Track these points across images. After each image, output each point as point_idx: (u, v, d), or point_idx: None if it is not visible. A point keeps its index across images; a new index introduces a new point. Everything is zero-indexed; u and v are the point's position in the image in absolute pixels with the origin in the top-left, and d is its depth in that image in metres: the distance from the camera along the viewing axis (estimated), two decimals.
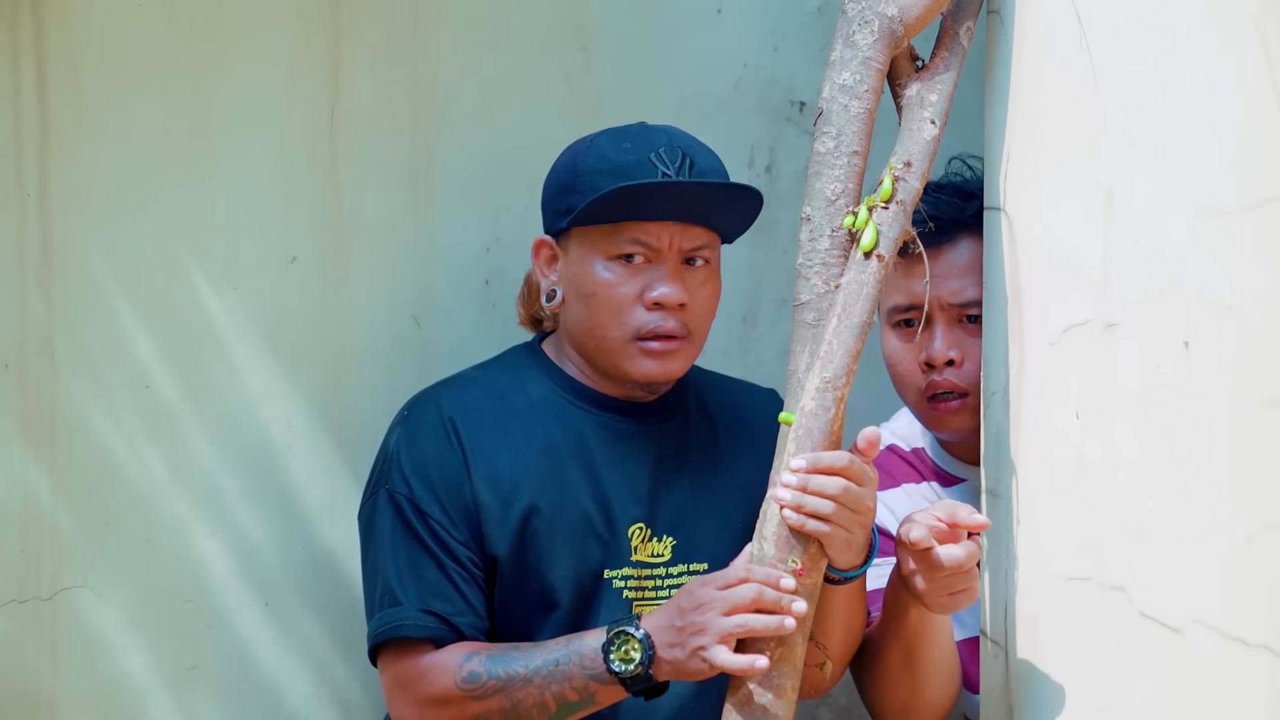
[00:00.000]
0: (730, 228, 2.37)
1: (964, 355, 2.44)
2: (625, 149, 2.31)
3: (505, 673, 2.22)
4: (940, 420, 2.48)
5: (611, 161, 2.30)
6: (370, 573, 2.32)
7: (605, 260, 2.31)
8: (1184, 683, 1.96)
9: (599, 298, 2.31)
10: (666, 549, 2.35)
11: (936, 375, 2.45)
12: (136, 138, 2.51)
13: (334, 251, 2.60)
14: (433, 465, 2.30)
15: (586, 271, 2.31)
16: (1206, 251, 1.94)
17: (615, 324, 2.31)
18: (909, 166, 2.18)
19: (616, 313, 2.30)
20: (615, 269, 2.31)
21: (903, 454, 2.58)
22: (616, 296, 2.30)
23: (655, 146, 2.31)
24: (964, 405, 2.45)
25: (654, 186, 2.27)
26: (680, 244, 2.31)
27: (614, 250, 2.30)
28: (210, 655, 2.55)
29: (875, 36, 2.19)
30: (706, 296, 2.34)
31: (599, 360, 2.34)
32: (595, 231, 2.31)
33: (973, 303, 2.44)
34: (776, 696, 2.14)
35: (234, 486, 2.56)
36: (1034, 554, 2.18)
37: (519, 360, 2.41)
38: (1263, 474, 1.87)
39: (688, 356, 2.34)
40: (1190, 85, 1.96)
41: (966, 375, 2.44)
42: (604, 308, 2.30)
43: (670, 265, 2.31)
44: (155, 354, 2.53)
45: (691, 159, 2.32)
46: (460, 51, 2.65)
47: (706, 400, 2.44)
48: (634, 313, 2.30)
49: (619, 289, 2.30)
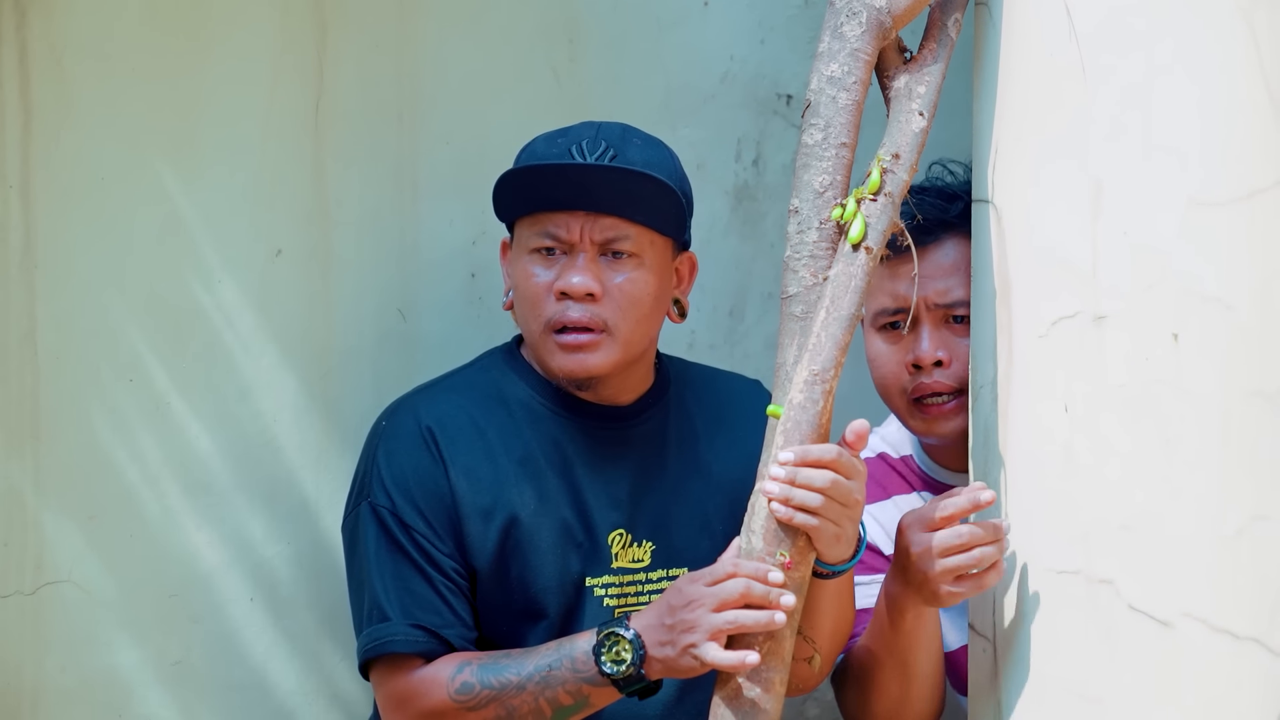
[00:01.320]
0: (648, 219, 2.31)
1: (951, 356, 2.43)
2: (557, 143, 2.32)
3: (498, 681, 2.21)
4: (929, 424, 2.46)
5: (535, 154, 2.33)
6: (356, 587, 2.31)
7: (528, 254, 2.32)
8: (1173, 676, 1.95)
9: (521, 290, 2.32)
10: (646, 554, 2.35)
11: (925, 378, 2.44)
12: (120, 130, 2.50)
13: (319, 244, 2.59)
14: (413, 476, 2.29)
15: (517, 266, 2.33)
16: (1195, 244, 1.93)
17: (534, 316, 2.31)
18: (897, 158, 2.17)
19: (534, 305, 2.31)
20: (535, 261, 2.31)
21: (892, 462, 2.57)
22: (533, 288, 2.30)
23: (581, 139, 2.30)
24: (955, 407, 2.44)
25: (546, 171, 2.27)
26: (592, 234, 2.30)
27: (534, 243, 2.31)
28: (195, 650, 2.54)
29: (863, 28, 2.18)
30: (627, 289, 2.30)
31: (534, 356, 2.35)
32: (521, 227, 2.33)
33: (959, 303, 2.43)
34: (765, 691, 2.14)
35: (219, 480, 2.55)
36: (1022, 547, 2.18)
37: (496, 364, 2.39)
38: (1251, 466, 1.86)
39: (609, 352, 2.30)
40: (1179, 77, 1.95)
41: (954, 375, 2.43)
42: (525, 301, 2.32)
43: (586, 256, 2.30)
44: (140, 347, 2.52)
45: (616, 150, 2.30)
46: (446, 44, 2.64)
47: (687, 396, 2.42)
48: (546, 303, 2.30)
49: (535, 280, 2.30)
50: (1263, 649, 1.85)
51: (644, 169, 2.29)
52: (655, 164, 2.33)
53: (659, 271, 2.33)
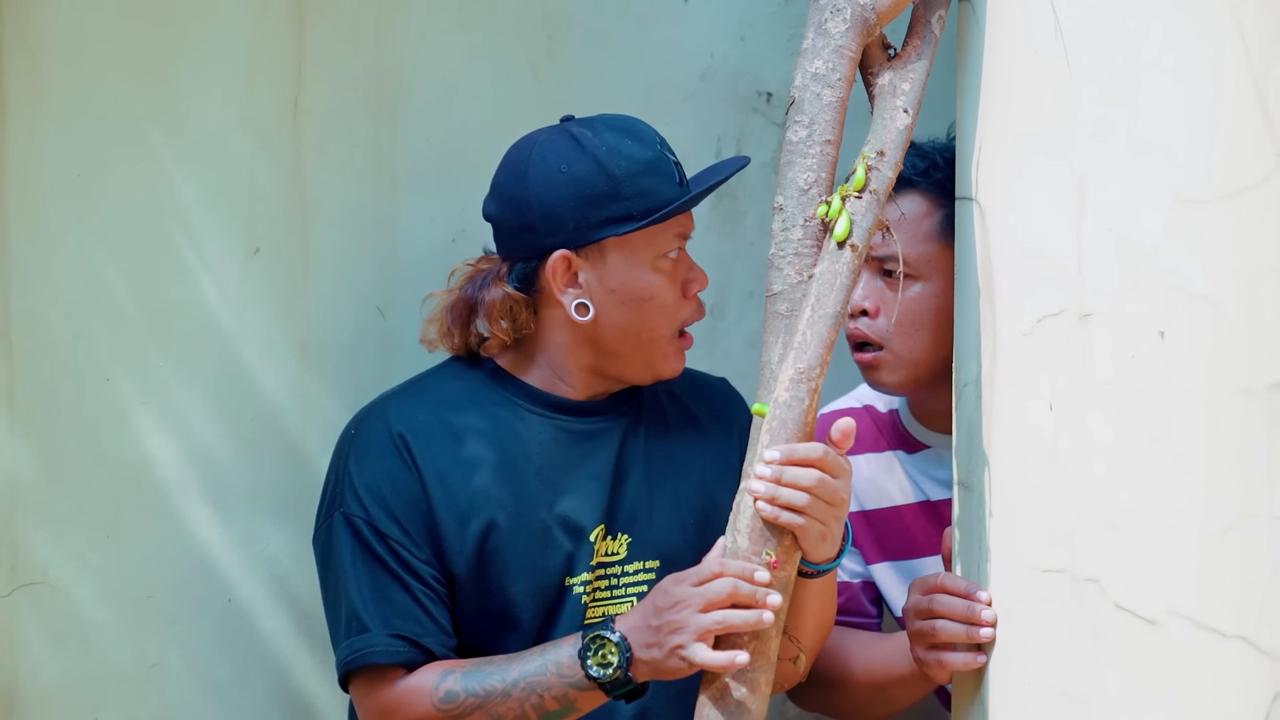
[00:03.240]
0: None
1: (879, 307, 2.44)
2: (634, 145, 2.29)
3: (483, 689, 2.20)
4: (863, 372, 2.48)
5: (641, 161, 2.28)
6: (333, 599, 2.28)
7: (655, 260, 2.29)
8: (1159, 675, 1.95)
9: (657, 300, 2.28)
10: (622, 547, 2.34)
11: (851, 323, 2.46)
12: (96, 126, 2.48)
13: (298, 242, 2.58)
14: (386, 484, 2.26)
15: (639, 277, 2.28)
16: (1181, 241, 1.93)
17: (668, 322, 2.30)
18: (882, 155, 2.17)
19: (672, 311, 2.30)
20: (664, 267, 2.29)
21: (876, 417, 2.58)
22: (671, 295, 2.30)
23: (653, 136, 2.31)
24: (878, 360, 2.46)
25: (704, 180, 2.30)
26: (691, 230, 2.34)
27: (663, 249, 2.29)
28: (172, 652, 2.52)
29: (848, 25, 2.17)
30: None
31: (631, 361, 2.31)
32: (639, 235, 2.28)
33: (890, 258, 2.43)
34: (750, 690, 2.13)
35: (196, 481, 2.53)
36: (1007, 546, 2.17)
37: (463, 370, 2.36)
38: (1238, 464, 1.86)
39: None
40: (1165, 73, 1.95)
41: (877, 328, 2.45)
42: (660, 309, 2.29)
43: (685, 254, 2.32)
44: (116, 346, 2.50)
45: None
46: (425, 40, 2.63)
47: (658, 391, 2.42)
48: (680, 307, 2.31)
49: (670, 287, 2.30)
50: (1249, 647, 1.85)
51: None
52: None
53: None
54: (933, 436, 2.55)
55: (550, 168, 2.27)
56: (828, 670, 2.43)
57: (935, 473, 2.55)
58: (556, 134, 2.31)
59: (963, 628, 2.16)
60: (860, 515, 2.56)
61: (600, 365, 2.32)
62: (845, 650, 2.43)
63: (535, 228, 2.28)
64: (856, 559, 2.57)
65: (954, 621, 2.16)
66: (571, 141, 2.28)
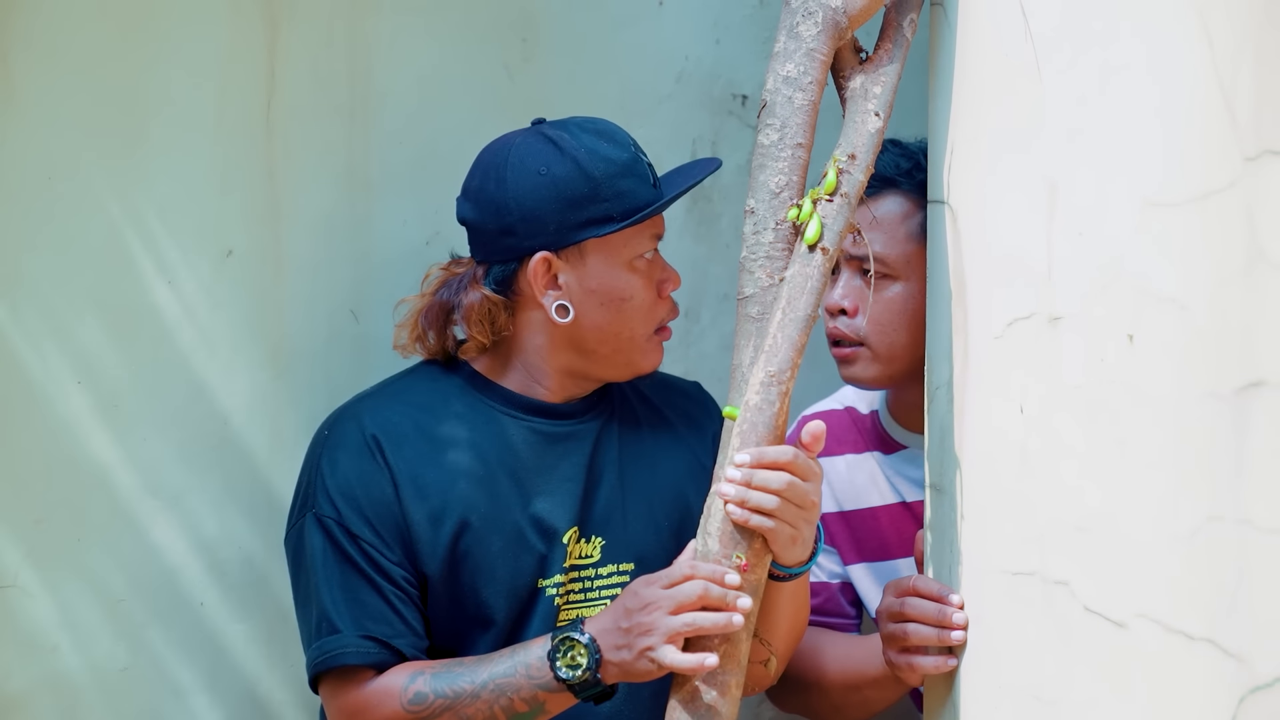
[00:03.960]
0: None
1: (858, 306, 2.45)
2: (610, 147, 2.29)
3: (452, 690, 2.20)
4: (840, 368, 2.50)
5: (617, 163, 2.28)
6: (304, 600, 2.28)
7: (631, 260, 2.29)
8: (1128, 677, 1.95)
9: (635, 300, 2.29)
10: (595, 549, 2.34)
11: (830, 321, 2.48)
12: (67, 128, 2.47)
13: (271, 245, 2.57)
14: (358, 485, 2.26)
15: (617, 278, 2.29)
16: (1150, 244, 1.93)
17: (645, 322, 2.31)
18: (853, 159, 2.17)
19: (649, 311, 2.30)
20: (640, 268, 2.30)
21: (857, 418, 2.59)
22: (648, 295, 2.30)
23: (628, 139, 2.32)
24: (856, 354, 2.47)
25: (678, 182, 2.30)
26: (661, 230, 2.34)
27: (640, 250, 2.30)
28: (143, 656, 2.52)
29: (819, 28, 2.18)
30: None
31: (611, 361, 2.31)
32: (618, 236, 2.28)
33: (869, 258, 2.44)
34: (721, 694, 2.13)
35: (168, 484, 2.53)
36: (978, 549, 2.17)
37: (437, 370, 2.36)
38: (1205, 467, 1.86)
39: None
40: (1134, 77, 1.95)
41: (855, 326, 2.46)
42: (639, 309, 2.30)
43: (659, 255, 2.33)
44: (87, 349, 2.49)
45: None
46: (399, 43, 2.62)
47: (630, 395, 2.42)
48: (656, 307, 2.31)
49: (647, 287, 2.30)
50: (1216, 649, 1.85)
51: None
52: None
53: None
54: (911, 437, 2.56)
55: (529, 170, 2.27)
56: (804, 671, 2.44)
57: (912, 473, 2.56)
58: (533, 137, 2.31)
59: (934, 631, 2.16)
60: (838, 516, 2.57)
61: (578, 366, 2.32)
62: (820, 651, 2.44)
63: (515, 230, 2.28)
64: (835, 559, 2.58)
65: (925, 625, 2.16)
66: (549, 144, 2.29)
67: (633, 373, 2.33)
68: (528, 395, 2.34)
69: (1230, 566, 1.85)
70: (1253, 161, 1.82)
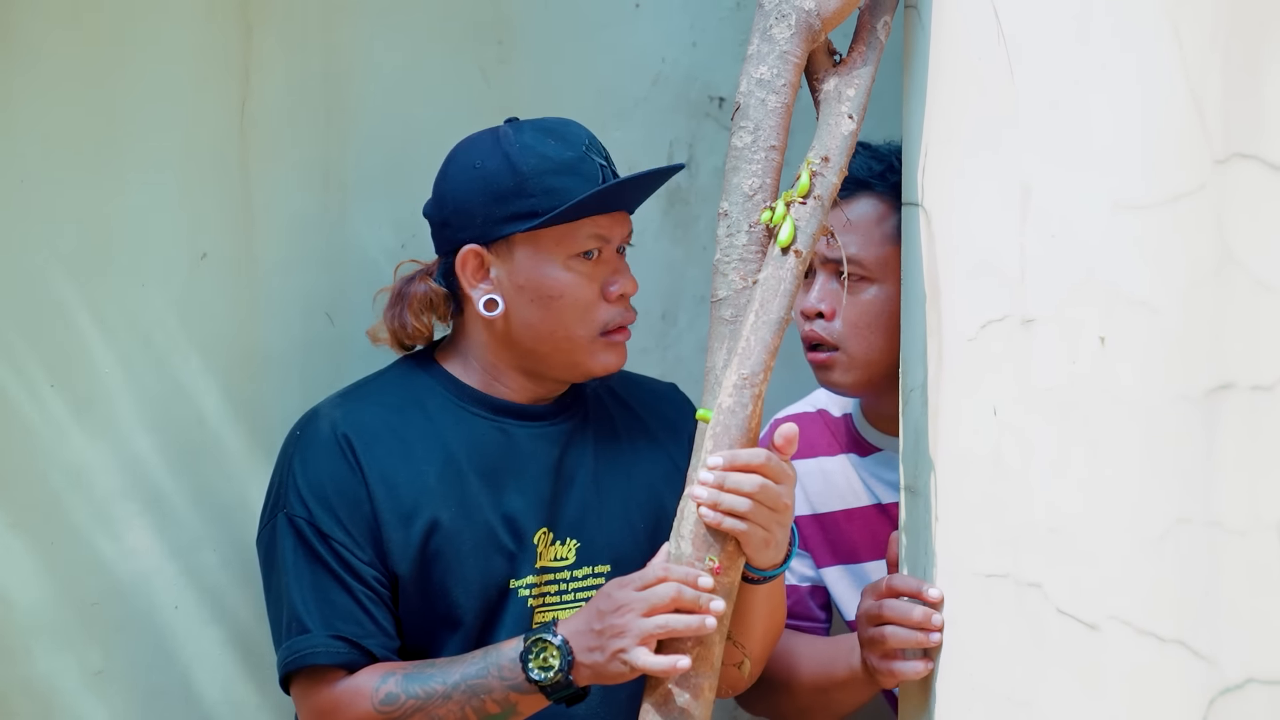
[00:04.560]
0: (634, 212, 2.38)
1: (834, 309, 2.45)
2: (554, 145, 2.29)
3: (423, 691, 2.19)
4: (816, 373, 2.50)
5: (553, 160, 2.28)
6: (275, 600, 2.28)
7: (566, 259, 2.28)
8: (1101, 679, 1.96)
9: (566, 299, 2.28)
10: (570, 552, 2.33)
11: (806, 324, 2.47)
12: (41, 132, 2.47)
13: (245, 248, 2.57)
14: (330, 484, 2.26)
15: (545, 275, 2.28)
16: (1121, 247, 1.93)
17: (582, 322, 2.29)
18: (826, 161, 2.17)
19: (585, 311, 2.28)
20: (577, 267, 2.28)
21: (829, 421, 2.59)
22: (584, 295, 2.28)
23: (580, 139, 2.30)
24: (831, 360, 2.47)
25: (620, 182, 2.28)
26: (622, 233, 2.32)
27: (575, 248, 2.28)
28: (118, 659, 2.51)
29: (792, 30, 2.18)
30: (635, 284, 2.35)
31: (549, 361, 2.31)
32: (549, 233, 2.28)
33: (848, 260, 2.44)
34: (694, 696, 2.13)
35: (143, 487, 2.52)
36: (952, 551, 2.18)
37: (410, 371, 2.36)
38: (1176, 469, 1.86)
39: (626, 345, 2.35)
40: (1105, 80, 1.96)
41: (833, 330, 2.46)
42: (571, 308, 2.28)
43: (615, 257, 2.32)
44: (61, 353, 2.49)
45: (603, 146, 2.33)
46: (374, 45, 2.62)
47: (605, 396, 2.42)
48: (600, 309, 2.29)
49: (585, 287, 2.28)
50: (1187, 651, 1.86)
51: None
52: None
53: None
54: (885, 439, 2.56)
55: (465, 164, 2.31)
56: (773, 674, 2.44)
57: (887, 475, 2.56)
58: (484, 133, 2.34)
59: (912, 633, 2.16)
60: (812, 519, 2.57)
61: (527, 365, 2.33)
62: (790, 653, 2.44)
63: (450, 222, 2.31)
64: (808, 563, 2.58)
65: (904, 627, 2.16)
66: (492, 139, 2.31)
67: (584, 374, 2.32)
68: (492, 394, 2.34)
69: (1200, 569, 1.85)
70: (1222, 164, 1.82)
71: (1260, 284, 1.79)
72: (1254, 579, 1.80)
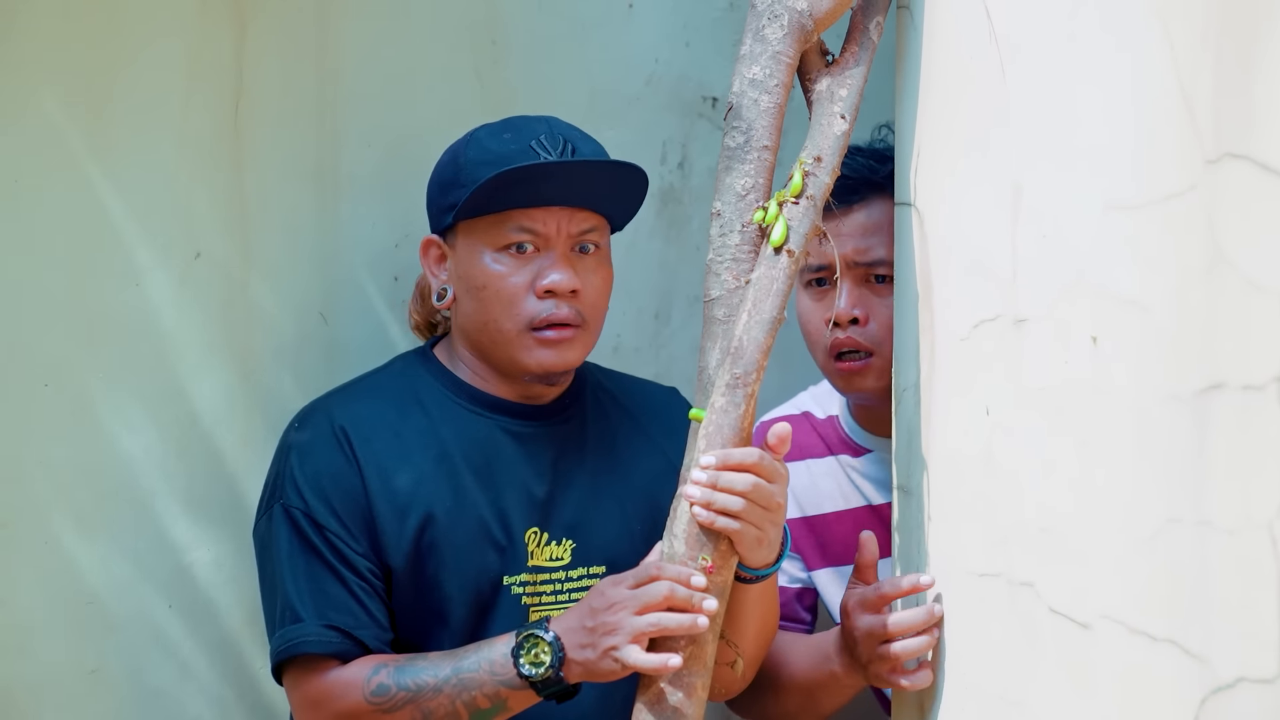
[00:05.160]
0: (617, 210, 2.35)
1: (869, 314, 2.46)
2: (505, 139, 2.30)
3: (414, 683, 2.19)
4: (847, 380, 2.49)
5: (492, 152, 2.29)
6: (269, 590, 2.28)
7: (493, 252, 2.29)
8: (1093, 678, 1.96)
9: (489, 290, 2.28)
10: (566, 552, 2.33)
11: (840, 333, 2.46)
12: (35, 130, 2.46)
13: (239, 247, 2.56)
14: (326, 476, 2.26)
15: (475, 265, 2.29)
16: (1113, 246, 1.94)
17: (508, 316, 2.28)
18: (819, 161, 2.17)
19: (509, 304, 2.28)
20: (504, 260, 2.29)
21: (816, 423, 2.59)
22: (508, 287, 2.28)
23: (535, 134, 2.30)
24: (868, 366, 2.47)
25: (534, 169, 2.25)
26: (569, 229, 2.29)
27: (501, 240, 2.28)
28: (111, 658, 2.51)
29: (785, 31, 2.18)
30: (599, 284, 2.32)
31: (494, 355, 2.32)
32: (481, 224, 2.29)
33: (880, 262, 2.45)
34: (687, 695, 2.13)
35: (136, 487, 2.52)
36: (945, 551, 2.18)
37: (410, 367, 2.37)
38: (1166, 469, 1.87)
39: (584, 345, 2.32)
40: (1097, 81, 1.96)
41: (870, 334, 2.46)
42: (495, 300, 2.28)
43: (560, 252, 2.29)
44: (56, 351, 2.49)
45: (573, 145, 2.30)
46: (368, 44, 2.62)
47: (604, 399, 2.42)
48: (526, 303, 2.28)
49: (509, 279, 2.28)
50: (1179, 650, 1.86)
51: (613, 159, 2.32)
52: (604, 154, 2.35)
53: (610, 263, 2.36)
54: (874, 440, 2.56)
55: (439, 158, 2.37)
56: (760, 675, 2.43)
57: (877, 476, 2.56)
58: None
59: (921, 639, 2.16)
60: (802, 521, 2.57)
61: (482, 359, 2.34)
62: (778, 652, 2.43)
63: (426, 213, 2.38)
64: (798, 565, 2.58)
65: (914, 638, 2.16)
66: (465, 134, 2.35)
67: (519, 369, 2.31)
68: (486, 390, 2.34)
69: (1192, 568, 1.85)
70: (1213, 164, 1.83)
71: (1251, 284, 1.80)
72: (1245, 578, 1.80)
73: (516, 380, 2.34)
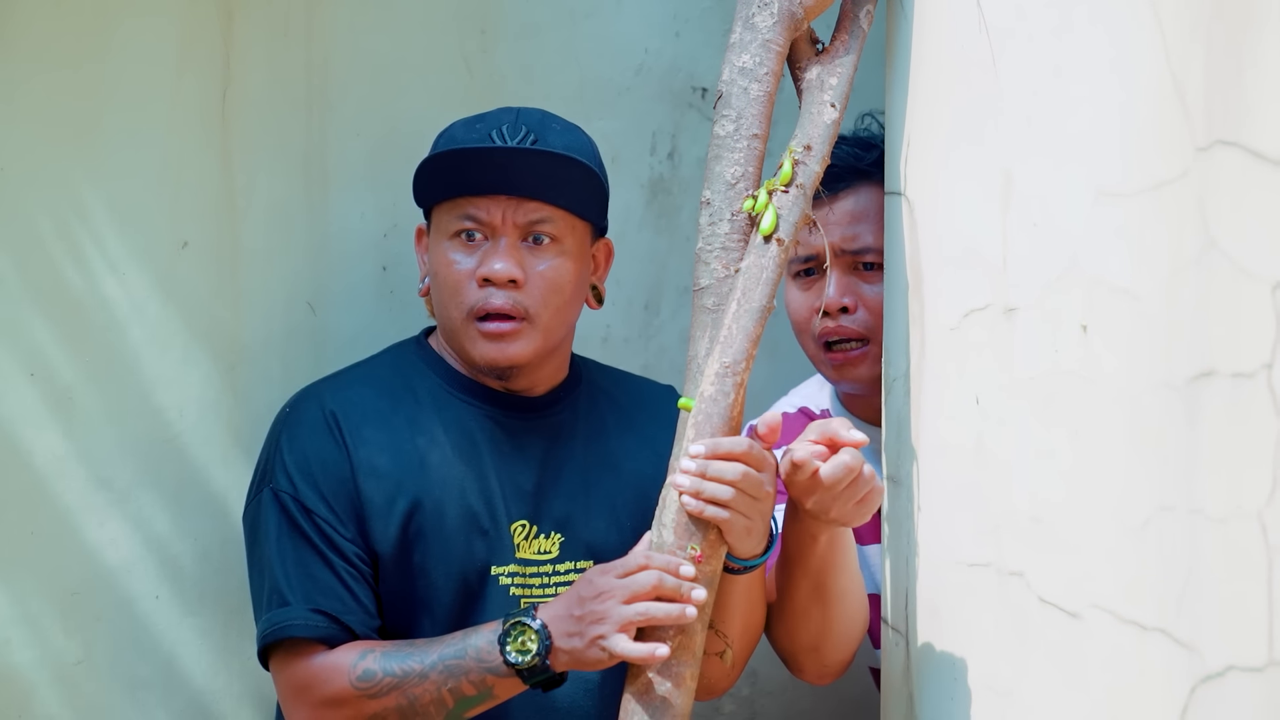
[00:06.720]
0: (571, 203, 2.31)
1: (858, 302, 2.46)
2: (475, 128, 2.30)
3: (401, 670, 2.18)
4: (838, 370, 2.50)
5: (455, 140, 2.30)
6: (257, 574, 2.28)
7: (447, 240, 2.30)
8: (1083, 668, 1.96)
9: (440, 278, 2.30)
10: (554, 546, 2.33)
11: (830, 321, 2.46)
12: (21, 119, 2.46)
13: (227, 237, 2.56)
14: (316, 461, 2.26)
15: (435, 253, 2.31)
16: (1103, 235, 1.94)
17: (454, 303, 2.29)
18: (809, 150, 2.17)
19: (455, 291, 2.29)
20: (455, 248, 2.29)
21: (813, 417, 2.58)
22: (454, 275, 2.29)
23: (501, 123, 2.29)
24: (862, 354, 2.47)
25: (468, 154, 2.25)
26: (514, 219, 2.28)
27: (453, 228, 2.30)
28: (98, 648, 2.50)
29: (775, 19, 2.17)
30: (548, 275, 2.29)
31: (454, 345, 2.33)
32: (440, 212, 2.31)
33: (867, 249, 2.45)
34: (675, 685, 2.12)
35: (124, 476, 2.51)
36: (934, 540, 2.18)
37: (404, 355, 2.37)
38: (1158, 457, 1.87)
39: (530, 340, 2.29)
40: (1088, 68, 1.96)
41: (860, 321, 2.46)
42: (444, 288, 2.30)
43: (507, 241, 2.29)
44: (41, 341, 2.48)
45: (537, 135, 2.29)
46: (356, 33, 2.61)
47: (599, 394, 2.41)
48: (468, 290, 2.28)
49: (456, 267, 2.29)
50: (1169, 639, 1.86)
51: (565, 152, 2.28)
52: (575, 148, 2.33)
53: (578, 257, 2.33)
54: (869, 429, 2.55)
55: None
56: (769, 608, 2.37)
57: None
58: None
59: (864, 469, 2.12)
60: None
61: (453, 347, 2.34)
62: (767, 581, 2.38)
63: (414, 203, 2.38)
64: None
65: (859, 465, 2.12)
66: None
67: (469, 361, 2.32)
68: (478, 381, 2.34)
69: (1182, 557, 1.85)
70: (1204, 152, 1.83)
71: (1242, 271, 1.79)
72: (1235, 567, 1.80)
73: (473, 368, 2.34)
